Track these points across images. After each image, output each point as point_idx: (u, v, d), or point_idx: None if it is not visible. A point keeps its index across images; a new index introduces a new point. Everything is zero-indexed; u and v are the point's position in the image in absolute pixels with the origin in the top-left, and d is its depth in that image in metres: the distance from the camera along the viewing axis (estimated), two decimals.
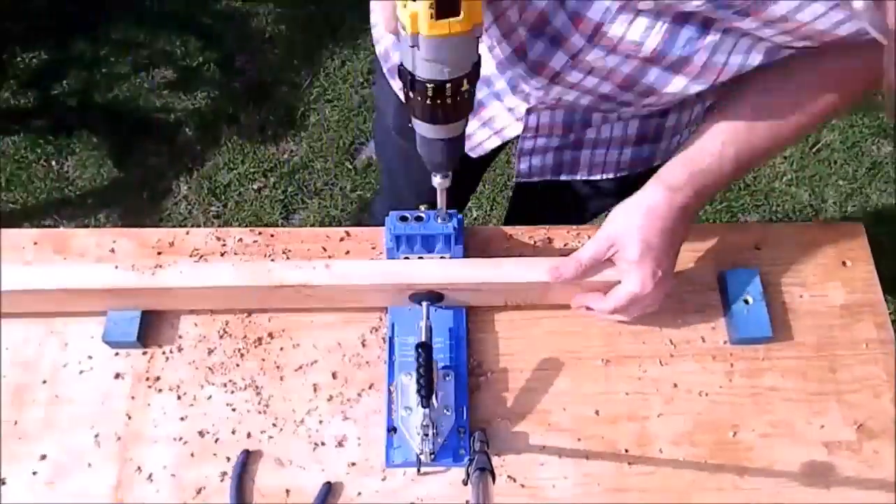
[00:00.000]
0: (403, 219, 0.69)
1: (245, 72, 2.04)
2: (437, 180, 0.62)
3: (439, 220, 0.69)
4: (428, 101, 0.52)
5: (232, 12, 2.14)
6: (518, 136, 0.76)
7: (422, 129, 0.56)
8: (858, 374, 0.73)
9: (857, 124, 1.96)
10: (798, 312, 0.76)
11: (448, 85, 0.51)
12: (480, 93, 0.73)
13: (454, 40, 0.47)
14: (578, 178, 0.83)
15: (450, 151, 0.58)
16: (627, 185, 0.78)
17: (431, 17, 0.46)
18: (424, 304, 0.68)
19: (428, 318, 0.66)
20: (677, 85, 0.61)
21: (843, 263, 0.78)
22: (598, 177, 0.83)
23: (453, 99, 0.52)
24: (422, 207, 0.69)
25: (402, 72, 0.52)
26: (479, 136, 0.79)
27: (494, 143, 0.79)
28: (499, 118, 0.75)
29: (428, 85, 0.50)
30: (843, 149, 1.93)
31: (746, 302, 0.73)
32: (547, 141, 0.77)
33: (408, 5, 0.46)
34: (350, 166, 1.88)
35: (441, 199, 0.66)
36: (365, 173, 1.87)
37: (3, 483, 0.66)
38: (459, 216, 0.69)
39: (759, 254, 0.79)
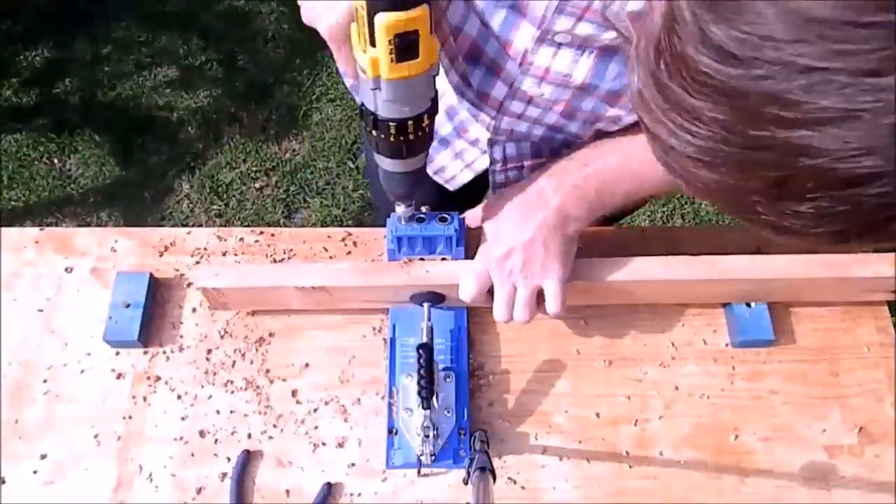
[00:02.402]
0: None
1: (247, 71, 2.05)
2: (400, 209, 0.65)
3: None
4: (391, 139, 0.53)
5: (234, 11, 2.14)
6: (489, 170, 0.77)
7: (385, 164, 0.58)
8: (860, 378, 0.73)
9: None
10: (800, 315, 0.75)
11: (410, 122, 0.52)
12: (446, 126, 0.75)
13: (414, 80, 0.49)
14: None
15: (412, 183, 0.60)
16: None
17: (392, 62, 0.47)
18: (426, 305, 0.68)
19: (429, 319, 0.66)
20: (615, 114, 0.61)
21: None
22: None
23: (415, 134, 0.53)
24: (423, 209, 0.69)
25: (365, 112, 0.53)
26: (452, 170, 0.80)
27: (467, 176, 0.80)
28: (468, 151, 0.77)
29: (391, 124, 0.52)
30: None
31: (748, 305, 0.73)
32: (522, 172, 0.76)
33: (368, 51, 0.47)
34: (352, 165, 1.88)
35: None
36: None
37: (3, 482, 0.66)
38: (461, 218, 0.69)
39: (760, 256, 0.78)
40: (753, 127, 0.28)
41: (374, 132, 0.53)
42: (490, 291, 0.67)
